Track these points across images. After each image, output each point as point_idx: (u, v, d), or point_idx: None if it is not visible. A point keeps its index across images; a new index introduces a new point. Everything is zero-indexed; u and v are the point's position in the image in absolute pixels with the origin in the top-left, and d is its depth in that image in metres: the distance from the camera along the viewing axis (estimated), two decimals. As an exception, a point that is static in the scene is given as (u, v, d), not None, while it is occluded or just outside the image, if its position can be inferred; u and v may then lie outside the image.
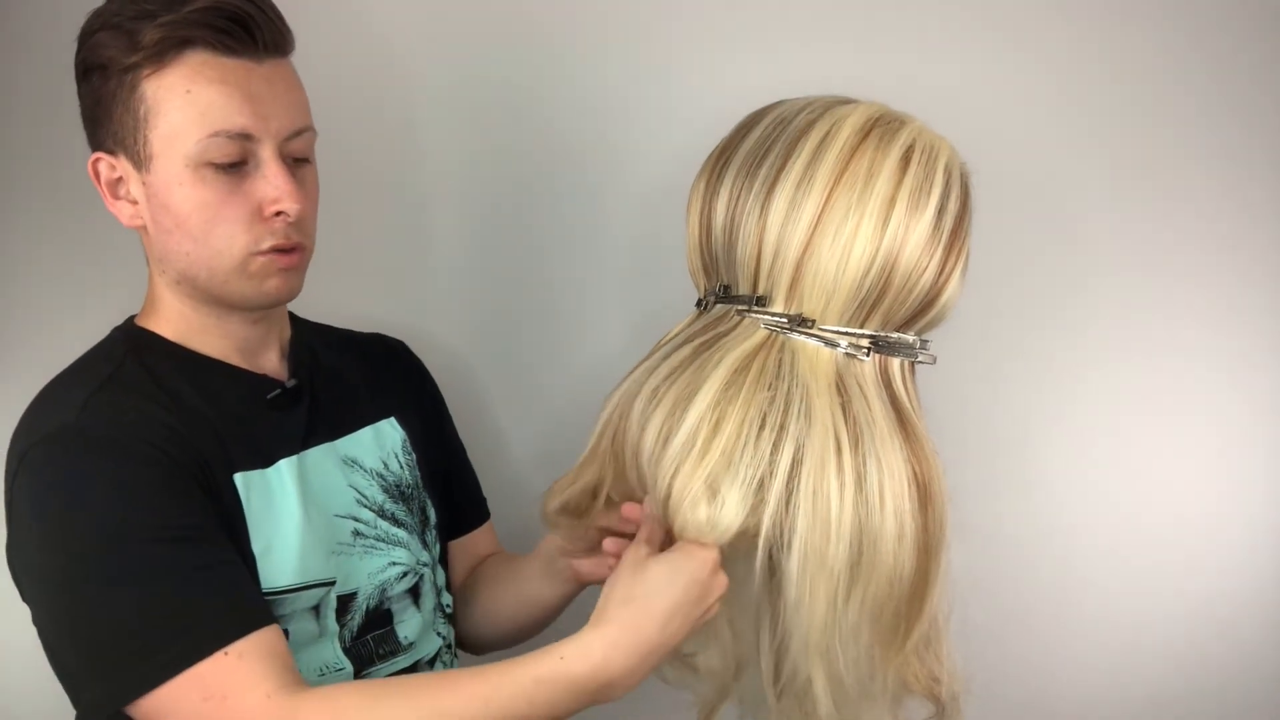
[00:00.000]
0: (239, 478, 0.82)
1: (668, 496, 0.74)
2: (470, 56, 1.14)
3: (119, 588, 0.72)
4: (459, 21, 1.13)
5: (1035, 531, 1.21)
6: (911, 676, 0.78)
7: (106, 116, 0.79)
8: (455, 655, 1.01)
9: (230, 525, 0.80)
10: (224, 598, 0.75)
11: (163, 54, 0.76)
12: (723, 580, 0.78)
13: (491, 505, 1.10)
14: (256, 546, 0.81)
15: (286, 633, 0.81)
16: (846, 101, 0.80)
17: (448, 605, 0.99)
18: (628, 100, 1.14)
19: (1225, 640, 1.22)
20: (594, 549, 0.92)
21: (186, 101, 0.77)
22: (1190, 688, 1.23)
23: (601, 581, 0.92)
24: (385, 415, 0.97)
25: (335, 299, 0.99)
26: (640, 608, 0.74)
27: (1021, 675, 1.22)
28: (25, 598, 0.79)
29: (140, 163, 0.79)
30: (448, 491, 1.03)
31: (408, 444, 0.97)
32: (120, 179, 0.81)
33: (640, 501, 0.83)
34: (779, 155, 0.77)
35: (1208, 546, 1.21)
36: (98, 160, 0.81)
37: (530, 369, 1.25)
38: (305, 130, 0.82)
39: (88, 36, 0.79)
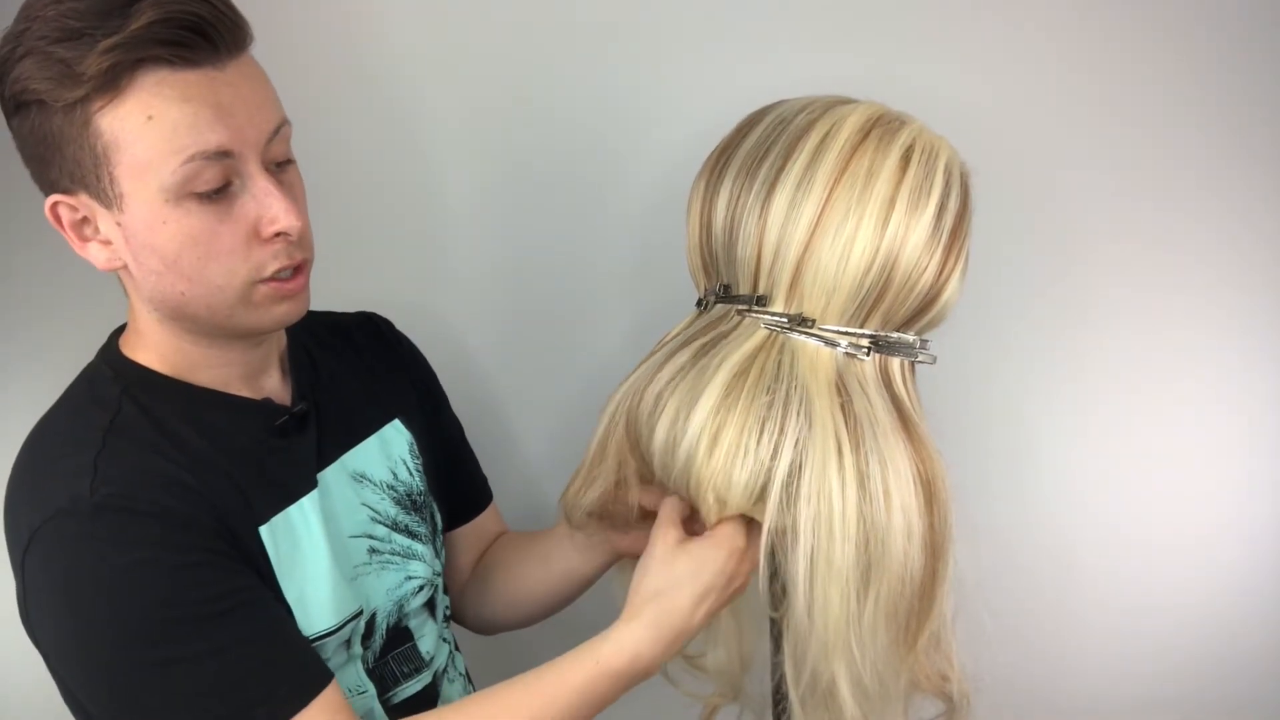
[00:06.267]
0: (264, 530, 0.77)
1: (690, 497, 0.78)
2: (471, 56, 1.14)
3: (169, 676, 0.69)
4: (461, 22, 1.13)
5: (1038, 530, 1.22)
6: (922, 675, 0.78)
7: (57, 155, 0.70)
8: (457, 650, 1.00)
9: (260, 578, 0.76)
10: (278, 666, 0.72)
11: (114, 82, 0.67)
12: (751, 560, 0.79)
13: (501, 503, 1.09)
14: (290, 595, 0.78)
15: None
16: (846, 101, 0.80)
17: (447, 608, 0.99)
18: (629, 100, 1.14)
19: (1230, 636, 1.23)
20: (633, 525, 0.92)
21: (149, 129, 0.68)
22: (1196, 683, 1.24)
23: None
24: (389, 418, 0.93)
25: (337, 301, 0.99)
26: (668, 601, 0.77)
27: (1027, 673, 1.22)
28: (55, 675, 0.74)
29: (109, 201, 0.70)
30: (451, 479, 1.00)
31: (414, 448, 0.94)
32: (86, 219, 0.72)
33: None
34: (779, 155, 0.76)
35: (1211, 543, 1.22)
36: (56, 204, 0.72)
37: (533, 368, 1.25)
38: (282, 125, 0.74)
39: (8, 66, 0.68)
